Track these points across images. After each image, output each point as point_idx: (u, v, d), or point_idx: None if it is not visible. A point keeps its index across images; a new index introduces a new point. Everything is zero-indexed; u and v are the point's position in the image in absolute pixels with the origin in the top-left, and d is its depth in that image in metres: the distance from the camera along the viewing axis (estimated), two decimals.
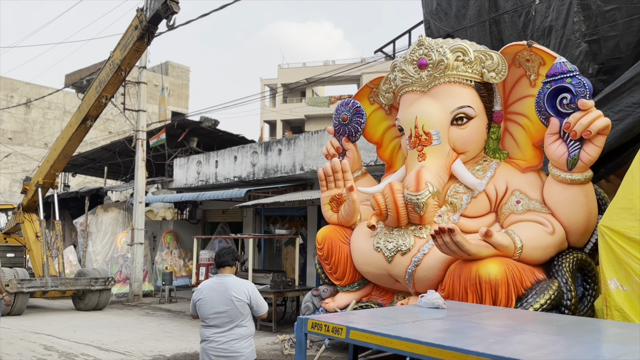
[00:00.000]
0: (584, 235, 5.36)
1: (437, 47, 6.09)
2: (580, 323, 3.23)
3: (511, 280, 4.79)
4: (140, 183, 13.24)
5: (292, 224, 13.29)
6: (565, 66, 5.17)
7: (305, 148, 11.35)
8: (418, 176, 5.73)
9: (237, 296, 3.83)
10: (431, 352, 2.41)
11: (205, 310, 3.85)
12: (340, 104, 7.36)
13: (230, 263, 4.00)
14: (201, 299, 3.88)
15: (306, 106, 36.82)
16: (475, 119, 6.06)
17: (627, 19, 6.77)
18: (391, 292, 6.34)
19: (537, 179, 5.75)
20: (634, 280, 4.18)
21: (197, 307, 3.91)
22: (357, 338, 2.80)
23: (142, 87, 13.52)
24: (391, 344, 2.61)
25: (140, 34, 9.70)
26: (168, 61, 34.97)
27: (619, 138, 6.04)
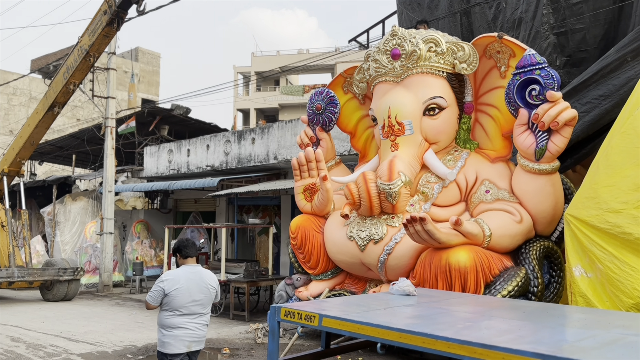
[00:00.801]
0: (550, 223, 5.52)
1: (410, 37, 6.14)
2: (545, 309, 3.33)
3: (480, 267, 4.90)
4: (109, 172, 13.01)
5: (265, 214, 13.26)
6: (535, 58, 5.28)
7: (279, 137, 11.32)
8: (391, 166, 5.78)
9: (211, 284, 4.08)
10: (402, 338, 2.46)
11: (182, 299, 3.92)
12: (314, 93, 7.36)
13: (195, 254, 4.15)
14: (178, 288, 3.90)
15: (280, 95, 36.62)
16: (447, 109, 6.14)
17: (594, 12, 6.93)
18: (364, 280, 6.42)
19: (506, 169, 5.88)
20: (598, 268, 4.32)
21: (172, 296, 3.91)
22: (329, 325, 2.83)
23: (111, 74, 13.24)
24: (363, 330, 2.65)
25: (110, 19, 9.48)
26: (138, 47, 34.26)
27: (586, 129, 6.20)
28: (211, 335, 7.35)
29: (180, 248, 4.08)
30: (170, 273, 4.02)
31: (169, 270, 4.04)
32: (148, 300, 3.96)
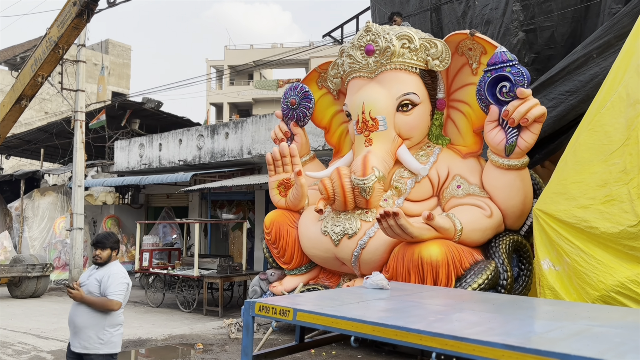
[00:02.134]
0: (519, 218, 5.64)
1: (384, 33, 6.17)
2: (515, 301, 3.41)
3: (451, 261, 4.99)
4: (78, 166, 12.74)
5: (239, 209, 13.19)
6: (505, 55, 5.37)
7: (253, 132, 11.26)
8: (365, 161, 5.82)
9: None
10: (375, 331, 2.50)
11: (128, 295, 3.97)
12: (289, 88, 7.34)
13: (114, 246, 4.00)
14: (129, 283, 3.95)
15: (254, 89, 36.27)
16: (420, 105, 6.20)
17: (562, 10, 7.08)
18: (338, 274, 6.46)
19: (476, 165, 5.98)
20: (565, 261, 4.45)
21: (128, 293, 3.96)
22: (304, 319, 2.85)
23: (80, 66, 12.93)
24: (337, 324, 2.68)
25: (79, 10, 9.25)
26: (108, 39, 33.54)
27: (553, 125, 6.35)
28: (184, 331, 7.30)
29: (96, 242, 3.96)
30: (124, 270, 4.02)
31: (120, 267, 3.94)
32: (122, 302, 3.84)
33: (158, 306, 9.78)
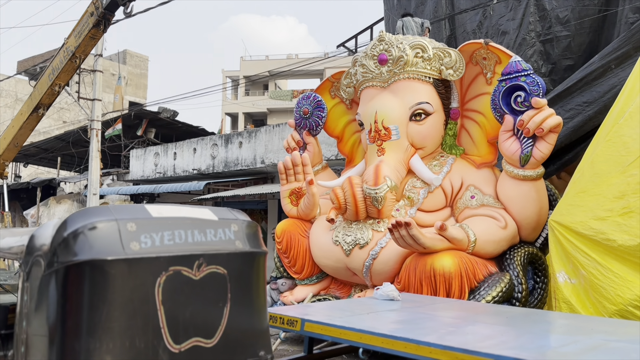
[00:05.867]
0: (535, 229, 5.54)
1: (397, 43, 6.15)
2: (529, 314, 3.34)
3: (464, 273, 4.89)
4: (94, 174, 12.87)
5: (252, 218, 13.18)
6: (520, 65, 5.31)
7: (267, 141, 11.29)
8: (377, 170, 5.78)
9: None
10: (384, 343, 2.44)
11: None
12: (302, 97, 7.34)
13: None
14: None
15: (269, 99, 36.55)
16: (433, 115, 6.15)
17: (579, 20, 7.01)
18: (349, 285, 6.39)
19: (491, 175, 5.89)
20: (581, 274, 4.35)
21: None
22: (311, 330, 2.81)
23: (97, 76, 13.11)
24: (345, 335, 2.63)
25: (96, 20, 9.39)
26: (126, 50, 34.05)
27: (570, 135, 6.26)
28: None
29: None
30: None
31: None
32: None
33: None
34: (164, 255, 2.42)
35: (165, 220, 2.54)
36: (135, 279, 2.28)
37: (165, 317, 2.39)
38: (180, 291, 2.46)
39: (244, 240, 2.77)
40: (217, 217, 2.77)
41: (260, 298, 2.83)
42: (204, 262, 2.58)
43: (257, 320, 2.77)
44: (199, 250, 2.57)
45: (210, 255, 2.64)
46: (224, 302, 2.62)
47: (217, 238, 2.68)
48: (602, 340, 2.45)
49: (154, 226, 2.47)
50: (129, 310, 2.24)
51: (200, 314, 2.55)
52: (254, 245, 2.84)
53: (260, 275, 2.88)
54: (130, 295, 2.25)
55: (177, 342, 2.44)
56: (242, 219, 2.88)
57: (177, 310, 2.43)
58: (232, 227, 2.77)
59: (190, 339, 2.47)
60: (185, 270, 2.49)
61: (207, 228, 2.67)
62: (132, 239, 2.36)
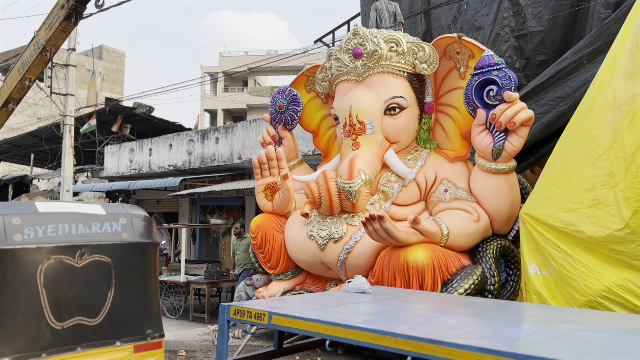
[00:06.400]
0: (507, 222, 5.57)
1: (372, 37, 6.13)
2: (498, 305, 3.34)
3: (437, 265, 4.90)
4: (67, 171, 12.62)
5: (229, 214, 13.08)
6: (493, 59, 5.33)
7: (244, 137, 11.19)
8: (351, 165, 5.76)
9: None
10: (350, 334, 2.41)
11: None
12: (277, 91, 7.28)
13: None
14: None
15: (248, 95, 36.29)
16: (408, 109, 6.15)
17: (552, 15, 7.08)
18: (324, 279, 6.36)
19: (464, 169, 5.92)
20: (552, 265, 4.38)
21: None
22: (279, 323, 2.76)
23: (70, 70, 12.86)
24: (312, 327, 2.59)
25: (67, 13, 9.16)
26: (102, 45, 33.47)
27: (543, 130, 6.32)
28: (168, 338, 7.16)
29: None
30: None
31: None
32: None
33: None
34: (46, 245, 2.88)
35: (51, 215, 2.97)
36: (17, 266, 2.69)
37: (47, 299, 2.84)
38: (62, 277, 2.89)
39: (132, 233, 3.25)
40: (105, 212, 3.23)
41: (150, 283, 3.31)
42: (86, 251, 3.04)
43: (145, 303, 3.29)
44: (82, 241, 3.03)
45: (93, 245, 3.08)
46: (108, 286, 3.11)
47: (102, 230, 3.14)
48: (567, 329, 2.45)
49: (38, 220, 2.90)
50: (11, 293, 2.67)
51: (84, 296, 3.02)
52: (143, 237, 3.30)
53: (150, 264, 3.33)
54: (13, 280, 2.68)
55: (60, 320, 2.87)
56: (134, 214, 3.38)
57: (59, 293, 2.88)
58: (120, 221, 3.25)
59: (73, 317, 2.95)
60: (67, 258, 2.94)
61: (93, 222, 3.11)
62: (15, 232, 2.78)
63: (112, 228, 3.19)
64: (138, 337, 3.28)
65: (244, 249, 8.91)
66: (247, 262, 8.94)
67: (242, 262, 8.87)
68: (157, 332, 3.32)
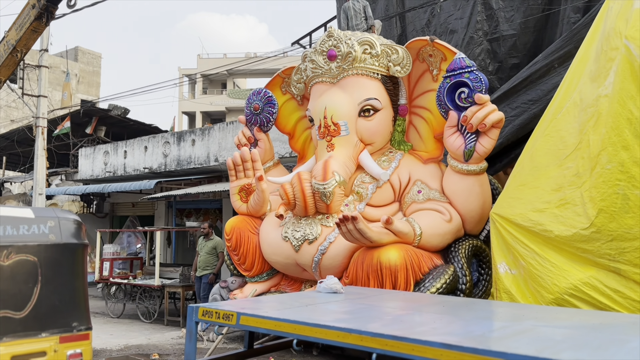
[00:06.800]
0: (479, 222, 5.65)
1: (346, 39, 6.16)
2: (467, 303, 3.38)
3: (410, 265, 4.94)
4: (40, 174, 12.38)
5: (206, 217, 12.98)
6: (464, 62, 5.40)
7: (220, 139, 11.13)
8: (325, 166, 5.77)
9: None
10: (317, 333, 2.42)
11: None
12: (252, 93, 7.26)
13: None
14: None
15: (227, 98, 36.11)
16: (382, 111, 6.19)
17: (524, 19, 7.20)
18: (299, 281, 6.36)
19: (437, 170, 5.98)
20: (521, 264, 4.45)
21: None
22: (247, 323, 2.75)
23: (43, 71, 12.62)
24: (280, 327, 2.59)
25: (38, 13, 9.01)
26: (78, 47, 32.99)
27: (516, 133, 6.42)
28: (141, 341, 7.10)
29: None
30: None
31: None
32: None
33: (118, 317, 9.50)
34: None
35: None
36: None
37: None
38: None
39: (59, 234, 3.62)
40: (34, 215, 3.58)
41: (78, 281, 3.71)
42: (12, 251, 3.38)
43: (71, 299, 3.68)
44: (8, 242, 3.40)
45: (20, 246, 3.44)
46: (34, 283, 3.46)
47: (30, 232, 3.48)
48: (530, 325, 2.50)
49: None
50: None
51: (10, 291, 3.37)
52: (70, 239, 3.67)
53: (78, 263, 3.73)
54: None
55: None
56: (63, 217, 3.75)
57: None
58: (48, 224, 3.58)
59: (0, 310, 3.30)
60: None
61: (21, 224, 3.46)
62: None
63: (40, 230, 3.55)
64: (64, 330, 3.65)
65: (208, 250, 8.80)
66: (208, 264, 8.83)
67: (204, 264, 8.77)
68: (84, 325, 3.72)
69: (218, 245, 8.86)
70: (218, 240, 8.97)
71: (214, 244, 8.87)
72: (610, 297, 3.80)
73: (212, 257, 8.79)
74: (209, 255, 8.75)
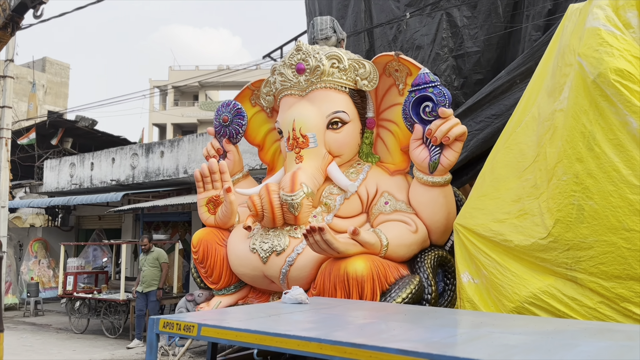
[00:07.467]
0: (444, 233, 5.75)
1: (314, 53, 6.24)
2: (428, 312, 3.44)
3: (376, 276, 5.00)
4: (2, 186, 12.07)
5: (175, 230, 12.83)
6: (428, 77, 5.53)
7: (190, 151, 11.06)
8: (293, 177, 5.80)
9: None
10: (277, 342, 2.44)
11: None
12: (221, 105, 7.27)
13: None
14: None
15: (199, 110, 35.92)
16: (350, 123, 6.28)
17: (487, 36, 7.42)
18: (267, 293, 6.34)
19: (404, 182, 6.08)
20: (483, 274, 4.55)
21: None
22: (208, 335, 2.75)
23: (7, 82, 12.38)
24: (240, 337, 2.60)
25: (3, 23, 8.86)
26: (46, 57, 32.38)
27: (480, 146, 6.58)
28: (105, 357, 6.95)
29: None
30: None
31: None
32: None
33: (82, 332, 9.28)
34: None
35: None
36: None
37: None
38: None
39: None
40: None
41: None
42: None
43: None
44: None
45: None
46: None
47: None
48: (487, 332, 2.57)
49: None
50: None
51: None
52: None
53: None
54: None
55: None
56: None
57: None
58: None
59: None
60: None
61: None
62: None
63: None
64: None
65: (151, 262, 8.57)
66: (155, 279, 8.58)
67: (149, 279, 8.49)
68: None
69: (160, 255, 8.64)
70: (159, 251, 8.73)
71: (156, 255, 8.61)
72: (567, 305, 3.91)
73: (157, 270, 8.55)
74: (154, 268, 8.46)
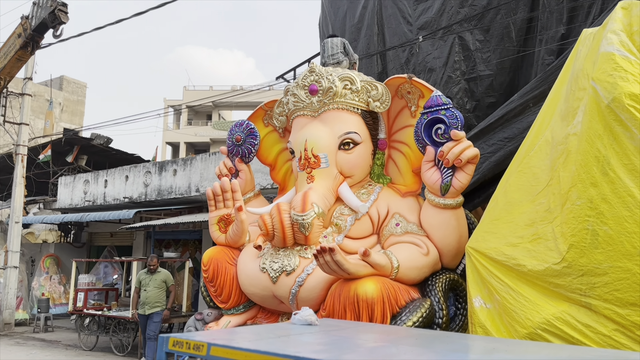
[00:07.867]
0: (455, 256, 5.70)
1: (327, 74, 6.31)
2: (440, 337, 3.40)
3: (387, 298, 4.95)
4: (17, 202, 12.23)
5: (186, 248, 12.86)
6: (441, 99, 5.55)
7: (202, 169, 11.14)
8: (304, 197, 5.81)
9: None
10: None
11: None
12: (235, 124, 7.34)
13: None
14: None
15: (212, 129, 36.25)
16: (361, 144, 6.30)
17: (500, 59, 7.45)
18: (277, 313, 6.30)
19: (415, 203, 6.06)
20: (495, 298, 4.49)
21: None
22: (217, 354, 2.73)
23: (26, 99, 12.63)
24: (250, 358, 2.57)
25: (24, 42, 9.11)
26: (63, 76, 33.04)
27: (493, 169, 6.56)
28: None
29: None
30: None
31: None
32: None
33: (91, 349, 9.27)
34: None
35: None
36: None
37: None
38: None
39: None
40: None
41: None
42: None
43: None
44: None
45: None
46: None
47: None
48: (499, 358, 2.54)
49: None
50: None
51: None
52: None
53: None
54: None
55: None
56: None
57: None
58: None
59: None
60: None
61: None
62: None
63: None
64: None
65: (158, 284, 8.41)
66: (159, 301, 8.37)
67: (154, 300, 8.32)
68: None
69: (168, 279, 8.50)
70: (167, 273, 8.56)
71: (163, 277, 8.52)
72: (581, 332, 3.84)
73: (162, 292, 8.46)
74: (159, 290, 8.38)
